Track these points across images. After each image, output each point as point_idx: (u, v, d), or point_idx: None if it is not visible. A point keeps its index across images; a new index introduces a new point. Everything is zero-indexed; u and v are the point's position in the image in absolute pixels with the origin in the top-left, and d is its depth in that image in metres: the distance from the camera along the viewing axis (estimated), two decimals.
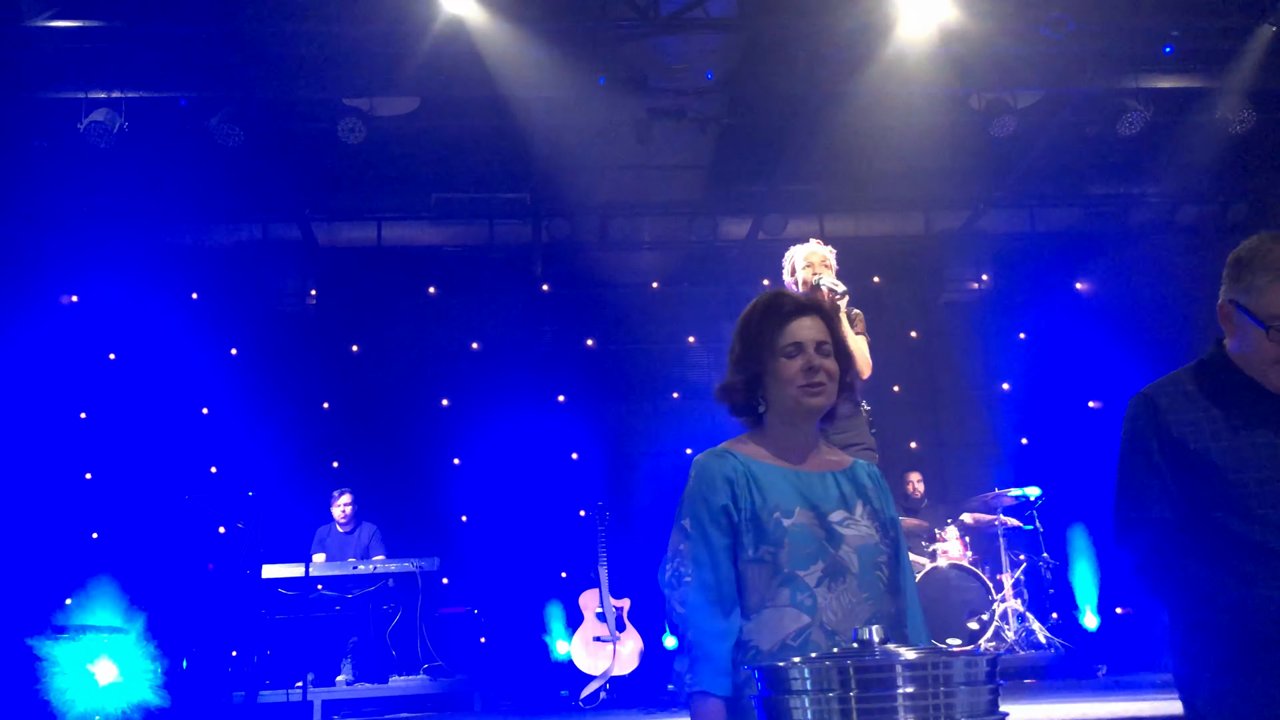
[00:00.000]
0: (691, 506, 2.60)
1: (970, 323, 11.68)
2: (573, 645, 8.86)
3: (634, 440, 11.43)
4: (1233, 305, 2.58)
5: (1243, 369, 2.62)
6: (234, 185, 10.14)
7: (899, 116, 9.24)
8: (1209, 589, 2.51)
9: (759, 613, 2.49)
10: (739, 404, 2.70)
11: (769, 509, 2.52)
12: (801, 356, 2.59)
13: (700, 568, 2.53)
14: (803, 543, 2.49)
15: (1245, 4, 8.34)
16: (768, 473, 2.59)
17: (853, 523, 2.56)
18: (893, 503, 2.73)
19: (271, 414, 10.36)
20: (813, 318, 2.64)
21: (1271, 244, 2.53)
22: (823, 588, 2.46)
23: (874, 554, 2.54)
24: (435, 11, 7.79)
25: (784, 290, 2.76)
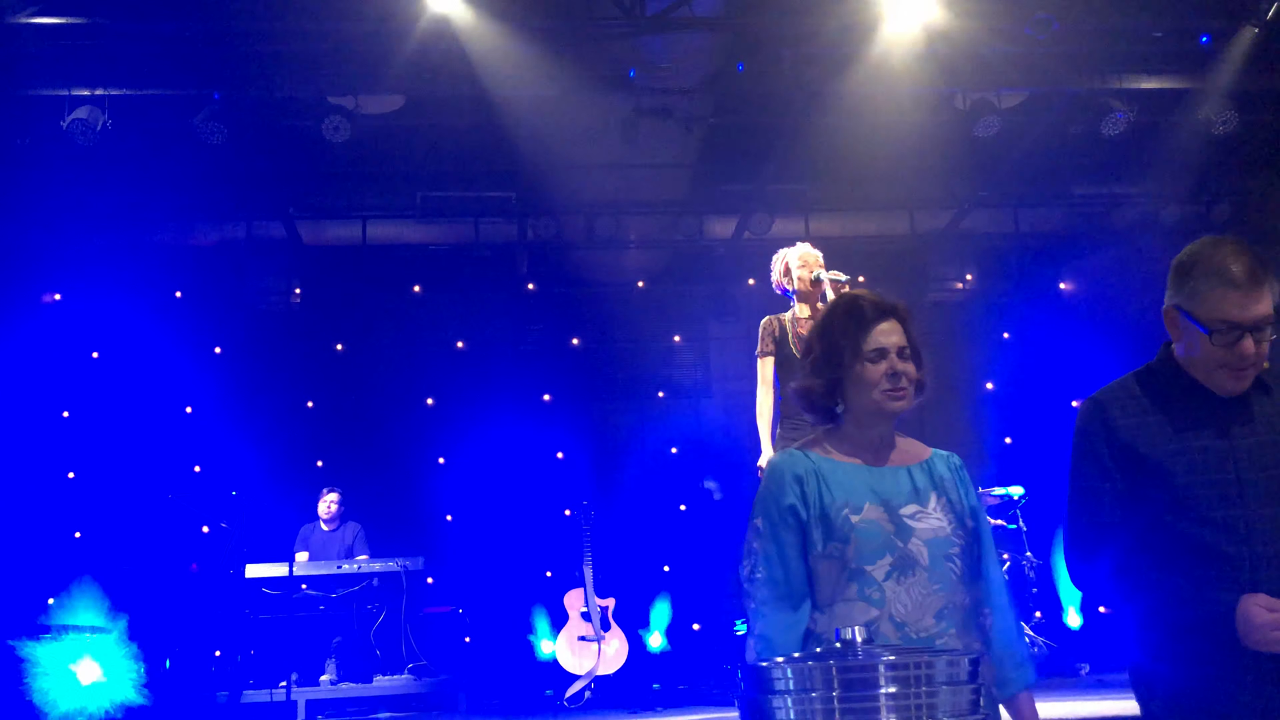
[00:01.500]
0: (763, 505, 2.66)
1: (955, 322, 11.71)
2: (557, 645, 8.86)
3: (619, 439, 11.42)
4: (1177, 310, 2.62)
5: (1189, 372, 2.65)
6: (218, 183, 10.09)
7: (884, 116, 9.25)
8: (1162, 592, 2.55)
9: (831, 606, 2.55)
10: (817, 405, 2.74)
11: (837, 506, 2.58)
12: (885, 362, 2.64)
13: (771, 565, 2.60)
14: (870, 538, 2.54)
15: (1228, 6, 8.37)
16: (838, 470, 2.65)
17: (924, 515, 2.61)
18: (973, 492, 2.77)
19: (255, 413, 10.33)
20: (892, 322, 2.69)
21: (1212, 249, 2.57)
22: (891, 581, 2.51)
23: (945, 546, 2.58)
24: (421, 10, 7.77)
25: (862, 294, 2.79)
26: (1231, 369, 2.56)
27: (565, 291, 11.54)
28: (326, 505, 9.42)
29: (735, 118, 9.77)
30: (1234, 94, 9.07)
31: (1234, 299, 2.50)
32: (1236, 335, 2.51)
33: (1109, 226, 11.39)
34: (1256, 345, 2.53)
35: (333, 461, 10.49)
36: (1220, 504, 2.54)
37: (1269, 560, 2.50)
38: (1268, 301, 2.52)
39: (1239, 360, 2.54)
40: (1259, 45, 8.51)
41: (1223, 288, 2.51)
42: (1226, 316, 2.51)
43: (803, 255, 5.76)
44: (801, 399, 2.77)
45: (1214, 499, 2.55)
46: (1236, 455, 2.57)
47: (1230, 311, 2.51)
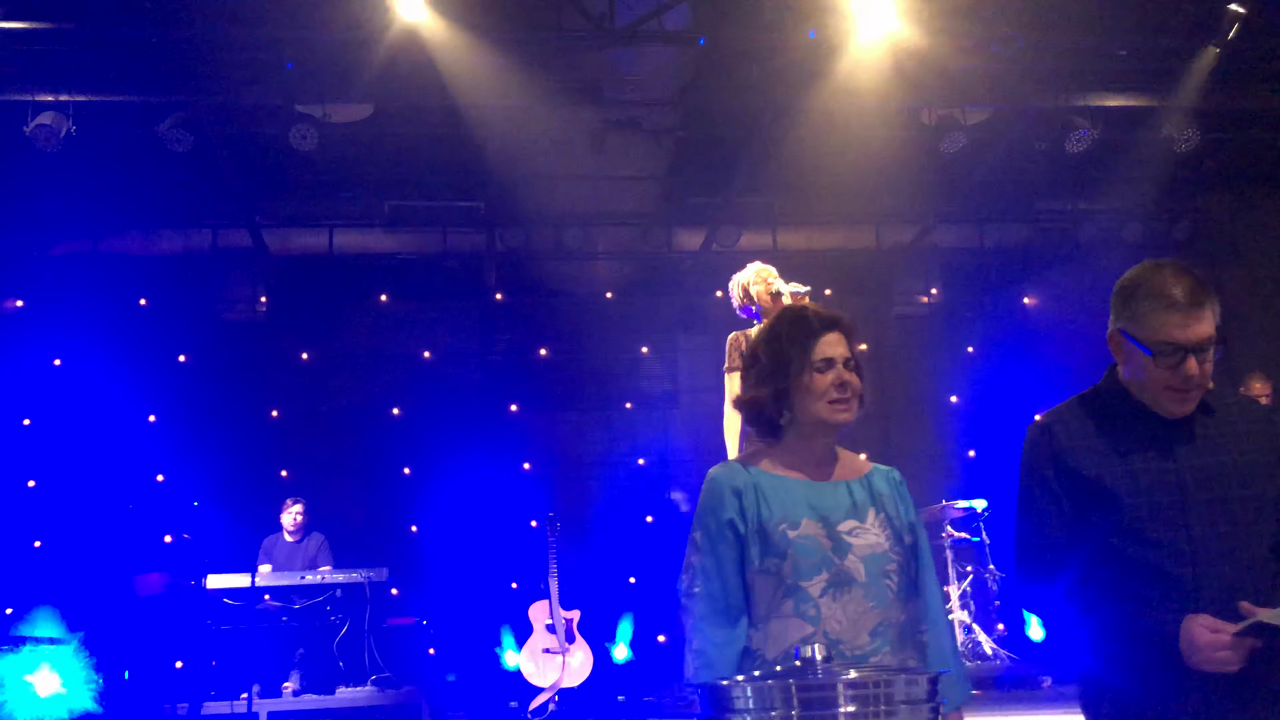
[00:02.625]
0: (702, 520, 2.65)
1: (920, 336, 11.79)
2: (522, 657, 8.83)
3: (587, 450, 11.42)
4: (1120, 333, 2.64)
5: (1134, 394, 2.67)
6: (183, 191, 10.03)
7: (851, 131, 9.31)
8: (1109, 613, 2.57)
9: (766, 622, 2.54)
10: (763, 416, 2.72)
11: (775, 521, 2.56)
12: (832, 372, 2.64)
13: (708, 580, 2.59)
14: (807, 554, 2.53)
15: (1191, 25, 8.47)
16: (778, 484, 2.63)
17: (862, 531, 2.60)
18: (913, 508, 2.76)
19: (220, 422, 10.25)
20: (837, 334, 2.69)
21: (1153, 272, 2.58)
22: (827, 598, 2.50)
23: (883, 562, 2.57)
24: (390, 19, 7.75)
25: (807, 306, 2.80)
26: (1175, 390, 2.58)
27: (533, 302, 11.53)
28: (291, 516, 9.35)
29: (704, 131, 9.81)
30: (1196, 113, 9.19)
31: (1176, 320, 2.52)
32: (1179, 356, 2.53)
33: (1072, 242, 11.50)
34: (1200, 366, 2.54)
35: (297, 472, 10.43)
36: (1165, 526, 2.56)
37: (1214, 581, 2.52)
38: (1209, 322, 2.54)
39: (1183, 381, 2.56)
40: (1221, 65, 8.61)
41: (1164, 309, 2.53)
42: (1169, 338, 2.53)
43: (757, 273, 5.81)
44: (747, 409, 2.75)
45: (1159, 521, 2.56)
46: (1181, 477, 2.59)
47: (1172, 333, 2.52)
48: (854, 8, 7.83)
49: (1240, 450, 2.63)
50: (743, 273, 5.93)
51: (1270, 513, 2.62)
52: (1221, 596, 2.50)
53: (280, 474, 10.41)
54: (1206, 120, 9.35)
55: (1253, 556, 2.57)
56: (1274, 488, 2.64)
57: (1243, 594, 2.52)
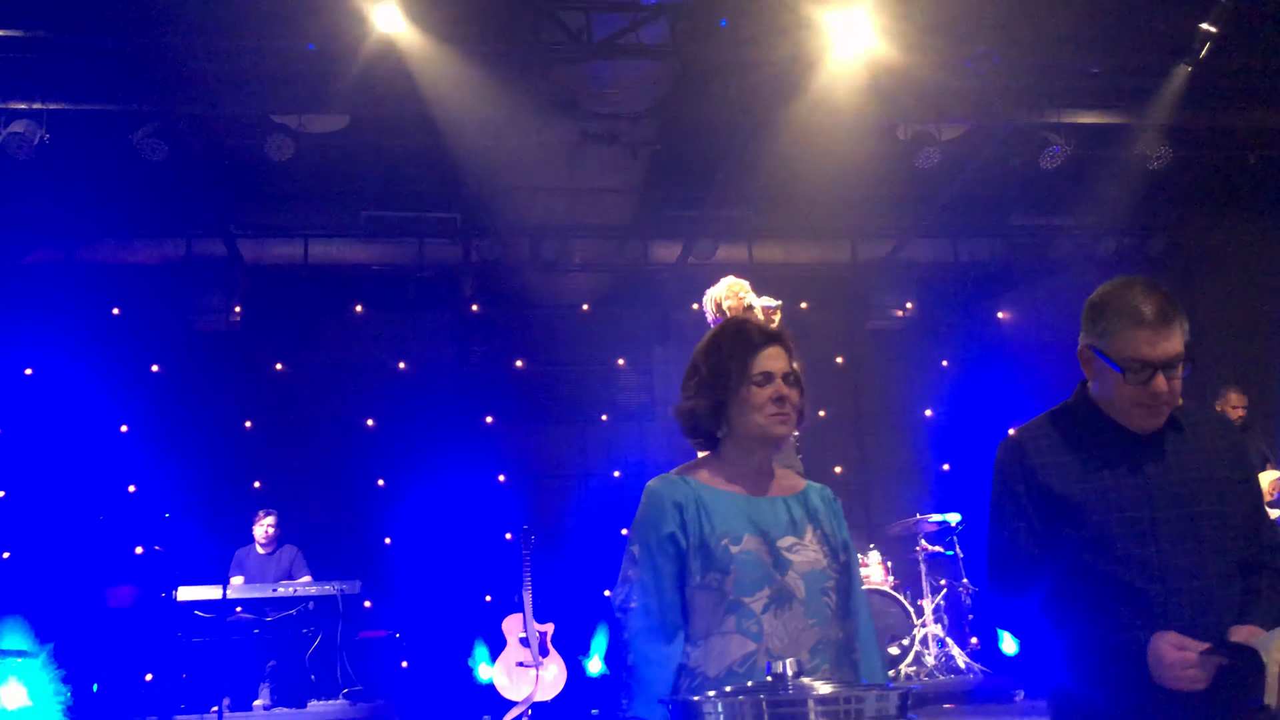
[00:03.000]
0: (641, 533, 2.61)
1: (895, 350, 11.84)
2: (495, 670, 8.80)
3: (562, 463, 11.41)
4: (1091, 350, 2.65)
5: (1104, 410, 2.69)
6: (158, 200, 9.97)
7: (827, 146, 9.34)
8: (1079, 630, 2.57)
9: (706, 639, 2.50)
10: (700, 428, 2.70)
11: (717, 535, 2.53)
12: (771, 385, 2.61)
13: (646, 594, 2.55)
14: (749, 569, 2.50)
15: (1163, 43, 8.56)
16: (718, 498, 2.60)
17: (801, 548, 2.58)
18: (845, 525, 2.75)
19: (192, 433, 10.19)
20: (778, 348, 2.67)
21: (1124, 288, 2.60)
22: (769, 614, 2.48)
23: (821, 579, 2.55)
24: (367, 30, 7.74)
25: (748, 319, 2.79)
26: (1145, 407, 2.60)
27: (509, 313, 11.52)
28: (263, 529, 9.30)
29: (681, 144, 9.83)
30: (1169, 130, 9.29)
31: (1145, 337, 2.54)
32: (1149, 373, 2.55)
33: (1046, 257, 11.57)
34: (1169, 382, 2.56)
35: (271, 483, 10.37)
36: (1135, 542, 2.57)
37: (1183, 597, 2.54)
38: (1178, 339, 2.56)
39: (1152, 398, 2.57)
40: (1193, 83, 8.69)
41: (1134, 327, 2.54)
42: (1138, 355, 2.55)
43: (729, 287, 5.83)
44: (685, 420, 2.72)
45: (1129, 537, 2.58)
46: (1151, 493, 2.61)
47: (1142, 350, 2.54)
48: (831, 24, 7.87)
49: (1209, 466, 2.65)
50: (716, 287, 5.96)
51: (1237, 529, 2.64)
52: (1190, 612, 2.53)
53: (253, 485, 10.35)
54: (1179, 137, 9.44)
55: (1220, 572, 2.59)
56: (1241, 504, 2.66)
57: (1211, 609, 2.54)
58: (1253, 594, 2.64)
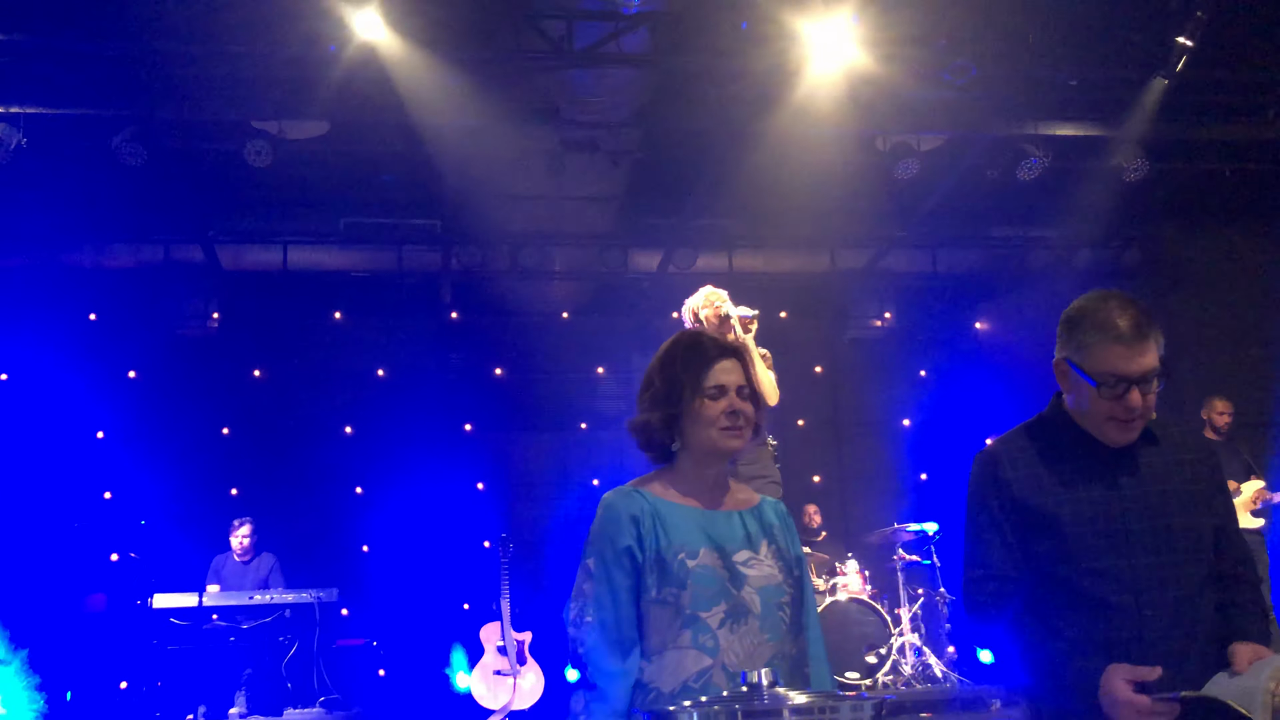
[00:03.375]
0: (596, 546, 2.58)
1: (873, 359, 11.88)
2: (473, 679, 8.77)
3: (541, 471, 11.40)
4: (1066, 363, 2.67)
5: (1079, 423, 2.71)
6: (136, 205, 9.92)
7: (807, 156, 9.38)
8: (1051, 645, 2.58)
9: (661, 654, 2.49)
10: (654, 441, 2.69)
11: (674, 549, 2.52)
12: (725, 399, 2.60)
13: (601, 609, 2.52)
14: (705, 584, 2.49)
15: (1140, 57, 8.63)
16: (674, 512, 2.59)
17: (757, 562, 2.57)
18: (798, 540, 2.75)
19: (169, 439, 10.14)
20: (733, 361, 2.66)
21: (1100, 303, 2.62)
22: (725, 629, 2.47)
23: (777, 594, 2.55)
24: (348, 37, 7.74)
25: (703, 332, 2.79)
26: (1119, 420, 2.61)
27: (489, 321, 11.51)
28: (239, 538, 9.23)
29: (661, 153, 9.86)
30: (1145, 142, 9.35)
31: (1120, 352, 2.56)
32: (1124, 388, 2.57)
33: (1024, 268, 11.63)
34: (1143, 397, 2.58)
35: (248, 490, 10.32)
36: (1108, 554, 2.60)
37: (1157, 609, 2.56)
38: (1153, 354, 2.58)
39: (1126, 412, 2.59)
40: (1169, 96, 8.77)
41: (1109, 341, 2.56)
42: (1113, 369, 2.56)
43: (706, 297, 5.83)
44: (639, 434, 2.71)
45: (1102, 549, 2.60)
46: (1125, 506, 2.63)
47: (1117, 365, 2.56)
48: (810, 34, 7.91)
49: (1181, 479, 2.68)
50: (694, 297, 5.96)
51: (1208, 540, 2.67)
52: (1165, 624, 2.55)
53: (231, 492, 10.30)
54: (1155, 150, 9.51)
55: (1193, 584, 2.61)
56: (1212, 516, 2.69)
57: (1185, 621, 2.57)
58: (1229, 607, 2.67)
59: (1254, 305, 11.08)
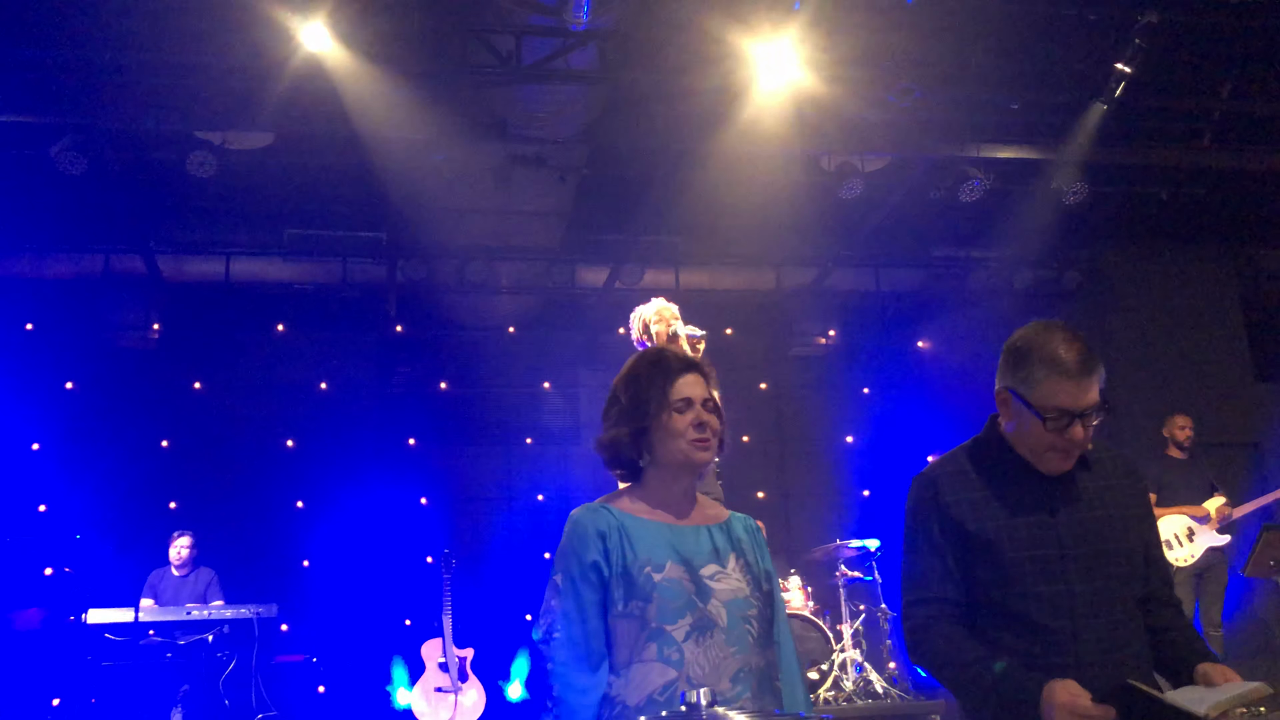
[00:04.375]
0: (564, 562, 2.62)
1: (818, 376, 11.97)
2: (413, 696, 8.72)
3: (485, 486, 11.34)
4: (1010, 393, 2.70)
5: (1015, 449, 2.74)
6: (75, 214, 9.79)
7: (754, 175, 9.46)
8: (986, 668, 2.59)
9: (628, 668, 2.51)
10: (622, 457, 2.71)
11: (640, 563, 2.55)
12: (691, 411, 2.64)
13: (570, 624, 2.55)
14: (671, 597, 2.52)
15: (1080, 82, 8.78)
16: (641, 527, 2.62)
17: (724, 576, 2.60)
18: (768, 555, 2.78)
19: (107, 452, 9.98)
20: (696, 375, 2.71)
21: (1046, 336, 2.65)
22: (690, 642, 2.49)
23: (744, 608, 2.58)
24: (294, 48, 7.69)
25: (666, 348, 2.81)
26: (1060, 451, 2.66)
27: (434, 335, 11.45)
28: (177, 550, 9.11)
29: (609, 170, 9.90)
30: (1084, 166, 9.52)
31: (1067, 388, 2.59)
32: (1068, 420, 2.61)
33: (965, 288, 11.77)
34: (1085, 429, 2.63)
35: (187, 503, 10.18)
36: (1044, 579, 2.63)
37: (1091, 633, 2.60)
38: (1096, 388, 2.62)
39: (1069, 444, 2.64)
40: (1108, 121, 8.93)
41: (1057, 377, 2.59)
42: (1059, 404, 2.60)
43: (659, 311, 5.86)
44: (607, 451, 2.74)
45: (1039, 574, 2.63)
46: (1059, 532, 2.66)
47: (1063, 400, 2.60)
48: (757, 55, 7.98)
49: (1114, 504, 2.73)
50: (647, 306, 5.97)
51: (1139, 564, 2.72)
52: (1099, 647, 2.60)
53: (169, 505, 10.15)
54: (1094, 174, 9.69)
55: (1126, 608, 2.67)
56: (1141, 540, 2.75)
57: (1118, 645, 2.62)
58: (1163, 631, 2.73)
59: (1190, 326, 11.30)
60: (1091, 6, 8.31)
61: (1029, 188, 10.02)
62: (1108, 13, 8.31)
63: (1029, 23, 8.43)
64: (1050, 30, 8.53)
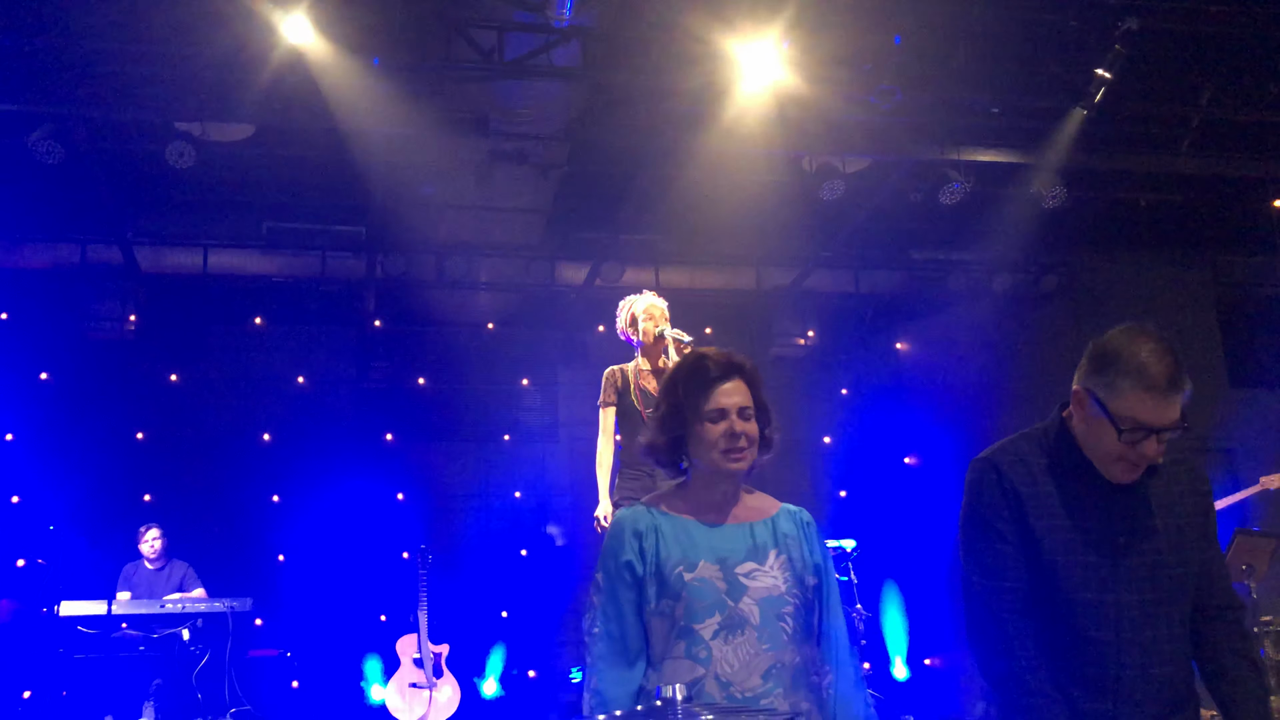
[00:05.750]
0: (604, 561, 2.69)
1: (796, 377, 11.98)
2: (388, 691, 8.69)
3: (463, 482, 11.32)
4: (1088, 394, 2.60)
5: (1083, 449, 2.65)
6: (52, 204, 9.71)
7: (735, 174, 9.47)
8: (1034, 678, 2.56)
9: (661, 664, 2.59)
10: (663, 461, 2.78)
11: (672, 563, 2.60)
12: (724, 422, 2.66)
13: (607, 620, 2.63)
14: (701, 596, 2.57)
15: (1060, 87, 8.82)
16: (679, 527, 2.67)
17: (761, 573, 2.63)
18: (819, 548, 2.76)
19: (82, 443, 9.92)
20: (736, 382, 2.72)
21: (1137, 344, 2.55)
22: (719, 640, 2.54)
23: (779, 605, 2.60)
24: (275, 41, 7.64)
25: (707, 353, 2.81)
26: (1129, 463, 2.58)
27: (413, 330, 11.42)
28: (149, 544, 9.06)
29: (591, 167, 9.88)
30: (1064, 170, 9.55)
31: (1150, 402, 2.50)
32: (1143, 435, 2.52)
33: (944, 291, 11.81)
34: (1159, 445, 2.55)
35: (161, 496, 10.12)
36: (1094, 587, 2.58)
37: (1136, 646, 2.56)
38: (1179, 405, 2.52)
39: (1139, 458, 2.55)
40: (1088, 126, 8.97)
41: (1143, 390, 2.50)
42: (1139, 417, 2.51)
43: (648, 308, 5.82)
44: (649, 455, 2.81)
45: (1088, 581, 2.58)
46: (1116, 541, 2.60)
47: (1143, 414, 2.50)
48: (740, 55, 7.98)
49: (1173, 516, 2.65)
50: (639, 298, 5.92)
51: (1193, 576, 2.65)
52: (1141, 661, 2.55)
53: (144, 498, 10.09)
54: (1074, 178, 9.72)
55: (1172, 623, 2.61)
56: (1199, 551, 2.66)
57: (1162, 659, 2.57)
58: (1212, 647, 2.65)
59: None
60: (1073, 12, 8.34)
61: (1009, 191, 10.04)
62: (1089, 18, 8.34)
63: (1011, 27, 8.46)
64: (1032, 35, 8.56)
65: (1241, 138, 9.71)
